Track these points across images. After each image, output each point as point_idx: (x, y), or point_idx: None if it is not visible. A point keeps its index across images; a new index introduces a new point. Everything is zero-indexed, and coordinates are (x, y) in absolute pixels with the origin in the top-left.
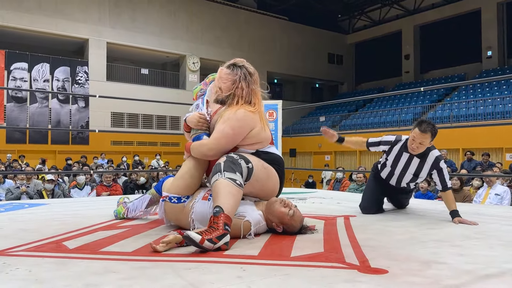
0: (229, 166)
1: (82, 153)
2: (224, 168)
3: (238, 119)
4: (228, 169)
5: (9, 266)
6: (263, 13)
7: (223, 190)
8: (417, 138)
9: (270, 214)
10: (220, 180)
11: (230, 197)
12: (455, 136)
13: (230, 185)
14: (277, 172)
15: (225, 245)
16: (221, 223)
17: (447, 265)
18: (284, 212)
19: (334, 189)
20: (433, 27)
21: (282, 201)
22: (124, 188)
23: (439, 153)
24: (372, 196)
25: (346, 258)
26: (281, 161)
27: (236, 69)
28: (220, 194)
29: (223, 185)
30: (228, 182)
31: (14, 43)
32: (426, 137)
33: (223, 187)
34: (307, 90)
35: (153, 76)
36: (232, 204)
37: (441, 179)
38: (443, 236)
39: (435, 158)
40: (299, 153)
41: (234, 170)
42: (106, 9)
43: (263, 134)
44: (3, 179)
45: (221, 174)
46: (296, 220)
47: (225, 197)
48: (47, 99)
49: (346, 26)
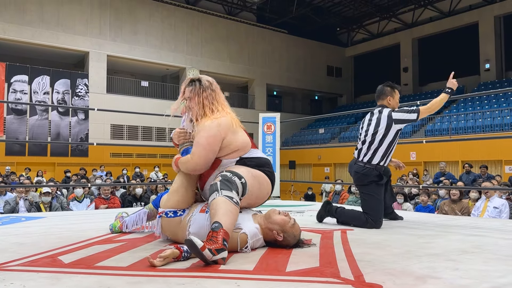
0: (225, 185)
1: (81, 165)
2: (220, 186)
3: (207, 130)
4: (224, 187)
5: (3, 281)
6: (262, 27)
7: (222, 207)
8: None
9: (271, 223)
10: (218, 198)
11: (229, 214)
12: (454, 149)
13: (227, 203)
14: (267, 175)
15: (222, 260)
16: (220, 238)
17: (442, 280)
18: (285, 219)
19: (333, 202)
20: (431, 40)
21: (282, 212)
22: (123, 201)
23: None
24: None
25: (341, 273)
26: (268, 163)
27: (195, 84)
28: (218, 210)
29: (221, 202)
30: (226, 200)
31: (15, 56)
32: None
33: (221, 205)
34: (307, 102)
35: (153, 88)
36: (230, 222)
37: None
38: (439, 250)
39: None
40: (299, 165)
41: (230, 188)
42: (107, 22)
43: (240, 139)
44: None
45: (218, 193)
46: (297, 230)
47: (224, 214)
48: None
49: (345, 39)
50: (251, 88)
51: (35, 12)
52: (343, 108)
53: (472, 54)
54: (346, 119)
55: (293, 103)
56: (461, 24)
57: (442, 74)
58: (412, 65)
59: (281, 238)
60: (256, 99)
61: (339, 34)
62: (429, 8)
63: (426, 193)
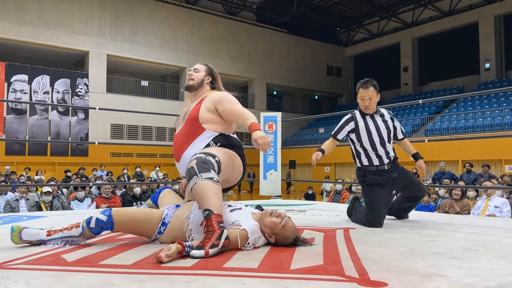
0: (202, 167)
1: (81, 165)
2: (198, 170)
3: (229, 95)
4: (202, 170)
5: (8, 280)
6: (262, 26)
7: (206, 192)
8: (365, 96)
9: (262, 225)
10: (200, 183)
11: (214, 196)
12: (454, 148)
13: (209, 185)
14: (239, 155)
15: (227, 240)
16: (215, 223)
17: (447, 277)
18: (275, 222)
19: (334, 201)
20: (431, 40)
21: (274, 212)
22: (123, 200)
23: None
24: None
25: (345, 271)
26: (240, 145)
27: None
28: (204, 196)
29: (204, 186)
30: (207, 182)
31: (15, 55)
32: (371, 91)
33: (205, 189)
34: (306, 102)
35: (153, 88)
36: (218, 202)
37: (399, 127)
38: (443, 249)
39: (387, 112)
40: (299, 164)
41: (207, 169)
42: (107, 22)
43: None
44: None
45: (198, 177)
46: (288, 230)
47: (210, 197)
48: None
49: (344, 39)
50: (251, 87)
51: (35, 11)
52: (343, 108)
53: (472, 54)
54: None
55: (293, 102)
56: (461, 24)
57: (442, 74)
58: (412, 64)
59: (273, 240)
60: (256, 98)
61: (339, 33)
62: (429, 8)
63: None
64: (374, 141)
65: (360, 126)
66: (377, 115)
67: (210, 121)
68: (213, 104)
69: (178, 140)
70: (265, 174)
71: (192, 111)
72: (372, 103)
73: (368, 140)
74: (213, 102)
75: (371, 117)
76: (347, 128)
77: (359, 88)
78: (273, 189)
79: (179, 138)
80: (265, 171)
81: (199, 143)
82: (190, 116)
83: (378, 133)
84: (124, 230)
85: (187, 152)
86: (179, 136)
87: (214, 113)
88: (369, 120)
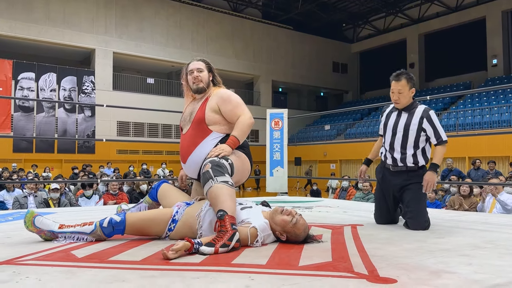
0: (217, 170)
1: (88, 162)
2: (214, 173)
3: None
4: (217, 174)
5: (19, 275)
6: (268, 23)
7: (221, 194)
8: (395, 89)
9: (273, 223)
10: (215, 186)
11: (229, 198)
12: (461, 145)
13: (225, 188)
14: (246, 154)
15: (237, 243)
16: (228, 225)
17: (457, 274)
18: (286, 220)
19: (340, 198)
20: (438, 36)
21: (285, 210)
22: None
23: (428, 107)
24: (380, 206)
25: (354, 268)
26: (246, 144)
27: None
28: (219, 198)
29: (219, 189)
30: (223, 185)
31: (22, 53)
32: (402, 84)
33: (220, 192)
34: (312, 99)
35: (158, 85)
36: (232, 205)
37: (433, 128)
38: (452, 246)
39: (423, 110)
40: (304, 161)
41: (222, 172)
42: (113, 20)
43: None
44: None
45: (214, 180)
46: (300, 228)
47: (225, 199)
48: (53, 108)
49: (350, 35)
50: (256, 84)
51: (41, 9)
52: (349, 105)
53: (480, 50)
54: (352, 116)
55: (299, 99)
56: (468, 20)
57: (449, 70)
58: (418, 61)
59: (284, 238)
60: (262, 95)
61: (345, 30)
62: (435, 3)
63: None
64: (389, 141)
65: (385, 119)
66: (409, 111)
67: (216, 122)
68: (216, 105)
69: (185, 141)
70: (272, 171)
71: (198, 113)
72: (402, 97)
73: (390, 138)
74: (216, 102)
75: (403, 113)
76: (381, 122)
77: (391, 80)
78: (279, 186)
79: (186, 139)
80: (271, 168)
81: (206, 145)
82: (196, 117)
83: (393, 130)
84: (135, 233)
85: (194, 153)
86: (186, 137)
87: (218, 114)
88: (394, 114)
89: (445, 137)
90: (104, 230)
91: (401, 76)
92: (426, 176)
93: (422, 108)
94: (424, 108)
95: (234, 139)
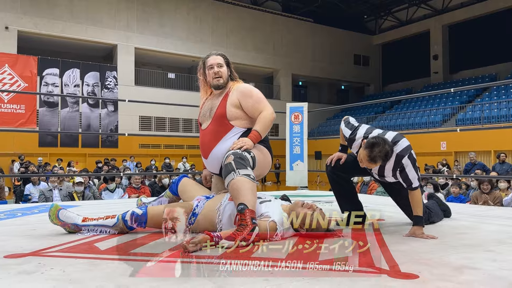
0: (240, 163)
1: (111, 156)
2: (236, 166)
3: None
4: (240, 166)
5: (44, 266)
6: (288, 16)
7: (242, 187)
8: (364, 163)
9: None
10: (237, 178)
11: (250, 192)
12: (486, 138)
13: (247, 181)
14: (267, 148)
15: (257, 238)
16: (249, 219)
17: (481, 270)
18: (306, 214)
19: (361, 192)
20: (463, 27)
21: (306, 204)
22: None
23: (403, 147)
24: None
25: (375, 262)
26: (267, 138)
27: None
28: (240, 191)
29: (241, 182)
30: (245, 179)
31: (46, 50)
32: (374, 165)
33: (241, 185)
34: (333, 92)
35: (179, 80)
36: (253, 199)
37: (403, 178)
38: (476, 241)
39: (395, 157)
40: (325, 155)
41: (244, 165)
42: (134, 16)
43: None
44: (38, 181)
45: (236, 173)
46: (320, 222)
47: (246, 193)
48: (77, 103)
49: (372, 27)
50: (276, 78)
51: (64, 6)
52: (370, 98)
53: (506, 40)
54: (373, 109)
55: (319, 93)
56: (494, 9)
57: (474, 62)
58: (442, 52)
59: (304, 232)
60: (282, 89)
61: (367, 21)
62: None
63: (457, 184)
64: None
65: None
66: None
67: (237, 117)
68: (237, 100)
69: (206, 137)
70: (292, 165)
71: (218, 108)
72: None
73: None
74: (237, 97)
75: None
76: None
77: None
78: (299, 180)
79: (207, 134)
80: (291, 162)
81: (228, 140)
82: (217, 113)
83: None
84: (156, 226)
85: (216, 149)
86: (206, 132)
87: (239, 109)
88: None
89: (416, 183)
90: (126, 223)
91: (378, 157)
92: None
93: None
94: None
95: (256, 133)
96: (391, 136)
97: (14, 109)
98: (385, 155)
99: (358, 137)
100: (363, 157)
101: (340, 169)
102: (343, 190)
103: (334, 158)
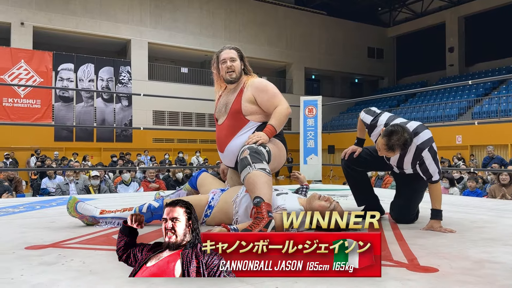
0: (255, 157)
1: (125, 150)
2: (252, 160)
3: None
4: (255, 160)
5: (65, 258)
6: (301, 9)
7: (258, 181)
8: (382, 151)
9: (310, 209)
10: (253, 172)
11: (266, 186)
12: (503, 131)
13: (262, 175)
14: (281, 142)
15: (273, 231)
16: (265, 212)
17: (502, 264)
18: (324, 205)
19: (376, 186)
20: (479, 18)
21: (322, 196)
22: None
23: (424, 139)
24: None
25: (393, 256)
26: (281, 132)
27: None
28: (256, 185)
29: (257, 176)
30: (261, 173)
31: (61, 45)
32: (393, 154)
33: (257, 178)
34: (346, 86)
35: (192, 74)
36: (269, 192)
37: (423, 171)
38: (496, 235)
39: (416, 149)
40: (338, 149)
41: (260, 159)
42: (147, 10)
43: None
44: (54, 174)
45: (251, 167)
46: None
47: (262, 187)
48: (92, 98)
49: (386, 19)
50: (289, 72)
51: (78, 2)
52: (384, 91)
53: None
54: (388, 102)
55: (332, 86)
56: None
57: (490, 54)
58: (458, 45)
59: None
60: (294, 83)
61: (381, 14)
62: None
63: (474, 178)
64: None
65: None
66: None
67: (253, 112)
68: (252, 95)
69: (222, 132)
70: (305, 159)
71: (234, 104)
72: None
73: None
74: (252, 93)
75: None
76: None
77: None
78: (313, 174)
79: (223, 129)
80: (305, 156)
81: (243, 134)
82: (233, 109)
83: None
84: None
85: (231, 143)
86: (223, 127)
87: (255, 104)
88: None
89: (437, 176)
90: None
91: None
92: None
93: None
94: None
95: (271, 128)
96: (413, 126)
97: (30, 104)
98: (403, 143)
99: (379, 124)
100: (381, 145)
101: (355, 162)
102: (358, 184)
103: (348, 152)
